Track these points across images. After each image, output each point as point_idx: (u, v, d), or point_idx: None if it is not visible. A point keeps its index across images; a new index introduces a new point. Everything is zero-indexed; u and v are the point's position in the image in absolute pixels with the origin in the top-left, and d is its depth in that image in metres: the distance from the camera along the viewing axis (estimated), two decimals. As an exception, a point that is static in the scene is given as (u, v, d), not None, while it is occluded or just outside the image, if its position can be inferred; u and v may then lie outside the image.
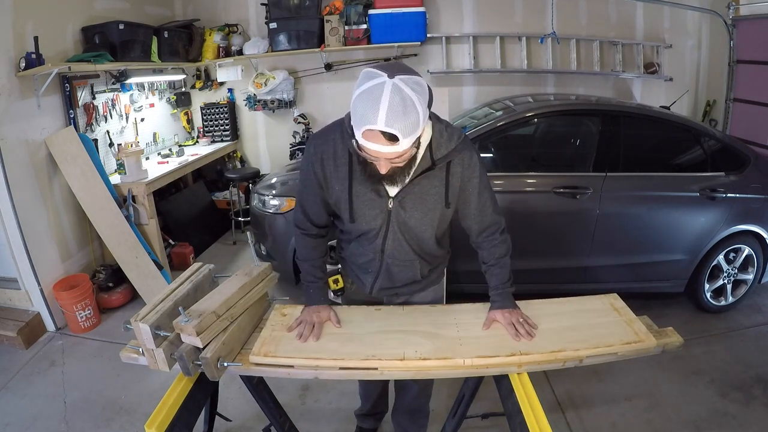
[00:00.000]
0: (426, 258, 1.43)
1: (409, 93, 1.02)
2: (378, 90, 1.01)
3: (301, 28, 4.15)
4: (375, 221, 1.31)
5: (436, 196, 1.29)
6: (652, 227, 2.73)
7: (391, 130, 1.02)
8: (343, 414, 2.16)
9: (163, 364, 1.24)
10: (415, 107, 1.03)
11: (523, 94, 3.82)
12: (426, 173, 1.25)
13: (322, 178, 1.31)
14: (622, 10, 4.35)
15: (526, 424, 1.15)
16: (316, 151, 1.30)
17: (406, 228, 1.32)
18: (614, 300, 1.51)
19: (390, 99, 1.01)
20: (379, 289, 1.48)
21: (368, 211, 1.30)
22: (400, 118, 1.02)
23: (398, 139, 1.04)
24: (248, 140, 4.88)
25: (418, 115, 1.04)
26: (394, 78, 1.02)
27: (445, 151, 1.24)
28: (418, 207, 1.29)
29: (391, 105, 1.00)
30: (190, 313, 1.21)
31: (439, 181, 1.27)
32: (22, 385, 2.46)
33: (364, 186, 1.27)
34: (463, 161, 1.28)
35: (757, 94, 3.80)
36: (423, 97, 1.06)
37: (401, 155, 1.10)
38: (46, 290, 2.87)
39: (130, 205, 3.16)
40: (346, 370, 1.28)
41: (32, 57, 2.70)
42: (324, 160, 1.29)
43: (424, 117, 1.07)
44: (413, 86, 1.04)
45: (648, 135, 2.93)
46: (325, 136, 1.30)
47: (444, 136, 1.24)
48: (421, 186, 1.27)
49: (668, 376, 2.37)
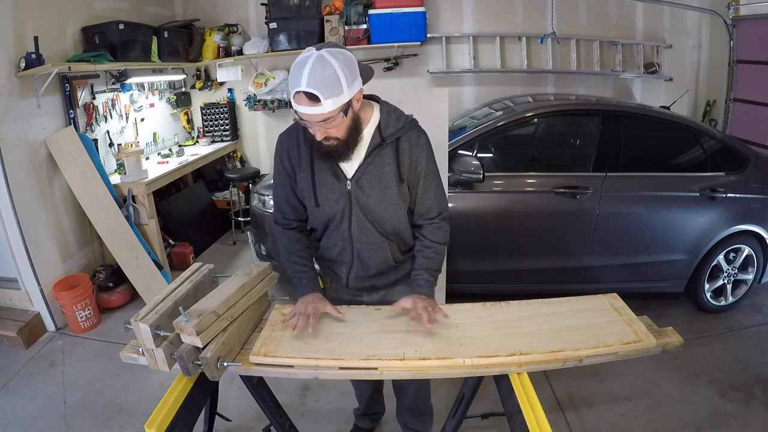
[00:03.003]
0: (394, 240, 1.46)
1: (332, 61, 1.13)
2: (304, 61, 1.14)
3: (301, 28, 4.15)
4: (337, 204, 1.37)
5: (390, 173, 1.35)
6: (652, 227, 2.73)
7: (311, 90, 1.13)
8: (343, 414, 2.16)
9: (163, 364, 1.24)
10: (335, 72, 1.13)
11: (523, 94, 3.82)
12: (377, 151, 1.34)
13: (290, 170, 1.41)
14: (622, 10, 4.35)
15: (526, 424, 1.15)
16: (281, 145, 1.42)
17: (367, 209, 1.38)
18: (614, 300, 1.51)
19: (312, 65, 1.13)
20: (354, 278, 1.50)
21: (330, 194, 1.37)
22: (321, 81, 1.13)
23: (320, 100, 1.13)
24: (248, 140, 4.88)
25: (338, 79, 1.14)
26: (321, 50, 1.15)
27: (393, 129, 1.34)
28: (375, 186, 1.35)
29: (313, 69, 1.12)
30: (190, 313, 1.21)
31: (391, 158, 1.35)
32: (22, 385, 2.46)
33: (324, 171, 1.36)
34: (410, 139, 1.36)
35: (757, 94, 3.80)
36: (348, 66, 1.17)
37: (327, 118, 1.18)
38: (46, 290, 2.87)
39: (130, 205, 3.16)
40: (346, 370, 1.27)
41: (32, 57, 2.70)
42: (290, 152, 1.39)
43: (348, 83, 1.16)
44: (337, 56, 1.15)
45: (648, 135, 2.93)
46: (289, 131, 1.41)
47: (392, 117, 1.35)
48: (374, 165, 1.35)
49: (668, 376, 2.37)
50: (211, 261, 1.60)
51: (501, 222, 2.73)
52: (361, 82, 1.23)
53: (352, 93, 1.19)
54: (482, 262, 2.78)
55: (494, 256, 2.79)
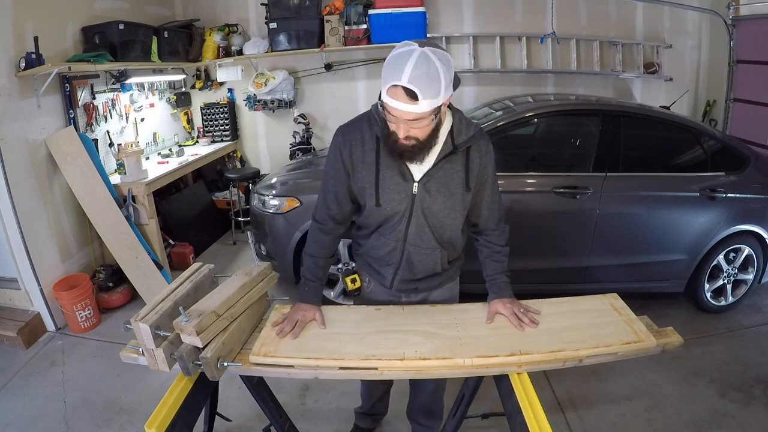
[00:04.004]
0: (447, 247, 1.45)
1: (436, 61, 1.10)
2: (407, 55, 1.10)
3: (301, 28, 4.15)
4: (400, 205, 1.35)
5: (458, 180, 1.34)
6: (652, 227, 2.73)
7: (413, 87, 1.09)
8: (343, 414, 2.16)
9: (163, 364, 1.24)
10: (438, 74, 1.10)
11: (523, 94, 3.82)
12: (448, 157, 1.32)
13: (350, 165, 1.36)
14: (622, 10, 4.35)
15: (526, 424, 1.15)
16: (345, 139, 1.35)
17: (430, 213, 1.36)
18: (614, 300, 1.51)
19: (416, 62, 1.09)
20: (399, 281, 1.48)
21: (394, 195, 1.34)
22: (423, 79, 1.09)
23: (418, 99, 1.10)
24: (248, 140, 4.88)
25: (440, 82, 1.11)
26: (424, 48, 1.11)
27: (465, 137, 1.31)
28: (442, 191, 1.34)
29: (417, 66, 1.09)
30: (190, 313, 1.21)
31: (461, 165, 1.34)
32: (22, 385, 2.46)
33: (390, 170, 1.32)
34: (481, 149, 1.35)
35: (757, 94, 3.80)
36: (448, 69, 1.13)
37: (420, 118, 1.15)
38: (46, 290, 2.87)
39: (130, 205, 3.16)
40: (346, 370, 1.28)
41: (32, 57, 2.70)
42: (353, 146, 1.34)
43: (446, 86, 1.13)
44: (441, 57, 1.12)
45: (648, 135, 2.93)
46: (353, 125, 1.37)
47: (463, 123, 1.32)
48: (444, 170, 1.33)
49: (668, 376, 2.37)
50: (211, 261, 1.60)
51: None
52: (452, 88, 1.20)
53: (446, 97, 1.16)
54: (482, 262, 2.78)
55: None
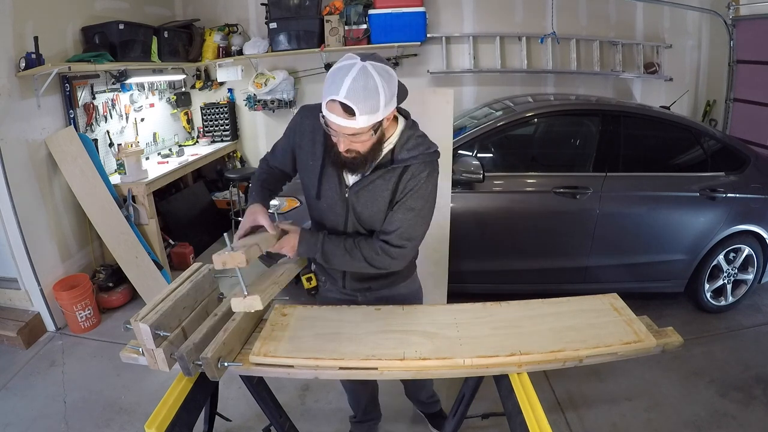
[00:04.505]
0: None
1: (375, 76, 1.10)
2: (347, 69, 1.10)
3: (301, 28, 4.15)
4: (336, 206, 1.37)
5: (385, 197, 1.31)
6: (652, 227, 2.73)
7: (349, 103, 1.08)
8: (343, 414, 2.15)
9: (163, 364, 1.24)
10: (377, 89, 1.10)
11: (523, 94, 3.82)
12: (381, 172, 1.29)
13: (297, 146, 1.40)
14: (622, 10, 4.34)
15: (526, 424, 1.15)
16: (302, 120, 1.38)
17: (361, 219, 1.37)
18: (614, 300, 1.51)
19: (355, 76, 1.08)
20: (350, 280, 1.51)
21: (332, 193, 1.36)
22: (360, 95, 1.08)
23: (355, 115, 1.09)
24: (248, 140, 4.88)
25: (378, 97, 1.10)
26: (365, 62, 1.11)
27: (406, 156, 1.28)
28: (369, 205, 1.33)
29: (355, 81, 1.08)
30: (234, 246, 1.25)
31: (392, 184, 1.30)
32: (22, 385, 2.46)
33: (331, 168, 1.33)
34: (415, 172, 1.28)
35: (757, 94, 3.79)
36: (389, 85, 1.13)
37: (358, 134, 1.15)
38: (46, 290, 2.87)
39: (130, 205, 3.16)
40: (346, 370, 1.28)
41: (32, 57, 2.70)
42: (304, 131, 1.36)
43: (386, 102, 1.12)
44: (381, 71, 1.11)
45: (648, 135, 2.93)
46: (312, 111, 1.35)
47: (410, 143, 1.29)
48: (374, 185, 1.31)
49: (668, 376, 2.37)
50: (211, 261, 1.59)
51: (501, 222, 2.73)
52: (395, 102, 1.19)
53: (386, 113, 1.15)
54: (482, 262, 2.78)
55: (494, 256, 2.79)
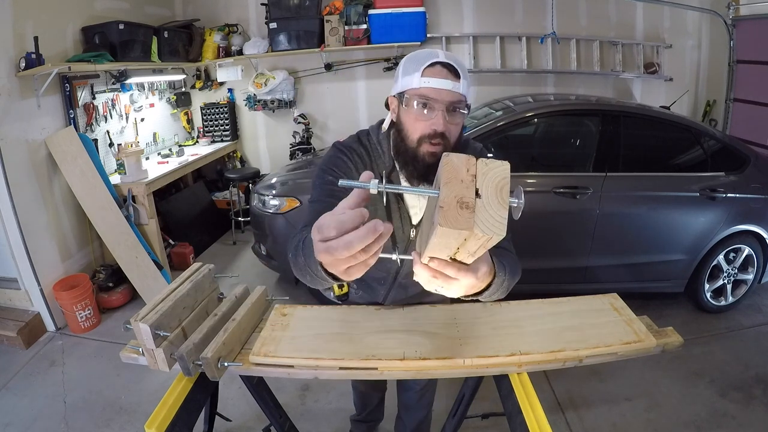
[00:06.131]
0: None
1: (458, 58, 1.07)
2: (429, 49, 1.11)
3: (301, 28, 4.15)
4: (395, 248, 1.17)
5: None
6: (652, 227, 2.73)
7: (452, 62, 1.02)
8: (343, 414, 2.15)
9: (163, 364, 1.24)
10: (463, 63, 1.06)
11: (523, 94, 3.82)
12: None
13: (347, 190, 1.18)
14: (622, 10, 4.35)
15: (526, 424, 1.15)
16: (343, 158, 1.17)
17: None
18: (614, 300, 1.51)
19: (445, 51, 1.07)
20: (392, 300, 1.47)
21: (389, 242, 1.20)
22: (457, 59, 1.04)
23: (459, 77, 1.01)
24: (248, 140, 4.88)
25: (467, 75, 1.05)
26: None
27: None
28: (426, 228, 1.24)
29: (448, 53, 1.05)
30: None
31: None
32: (22, 385, 2.46)
33: (392, 206, 1.20)
34: None
35: (757, 94, 3.80)
36: None
37: (458, 106, 1.03)
38: (46, 290, 2.87)
39: (130, 205, 3.16)
40: (346, 370, 1.27)
41: (32, 57, 2.70)
42: (357, 170, 1.16)
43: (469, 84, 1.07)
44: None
45: (648, 135, 2.93)
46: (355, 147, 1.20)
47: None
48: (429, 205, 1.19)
49: (668, 376, 2.37)
50: (211, 261, 1.60)
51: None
52: None
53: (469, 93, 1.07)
54: (482, 262, 2.78)
55: (494, 256, 2.78)
